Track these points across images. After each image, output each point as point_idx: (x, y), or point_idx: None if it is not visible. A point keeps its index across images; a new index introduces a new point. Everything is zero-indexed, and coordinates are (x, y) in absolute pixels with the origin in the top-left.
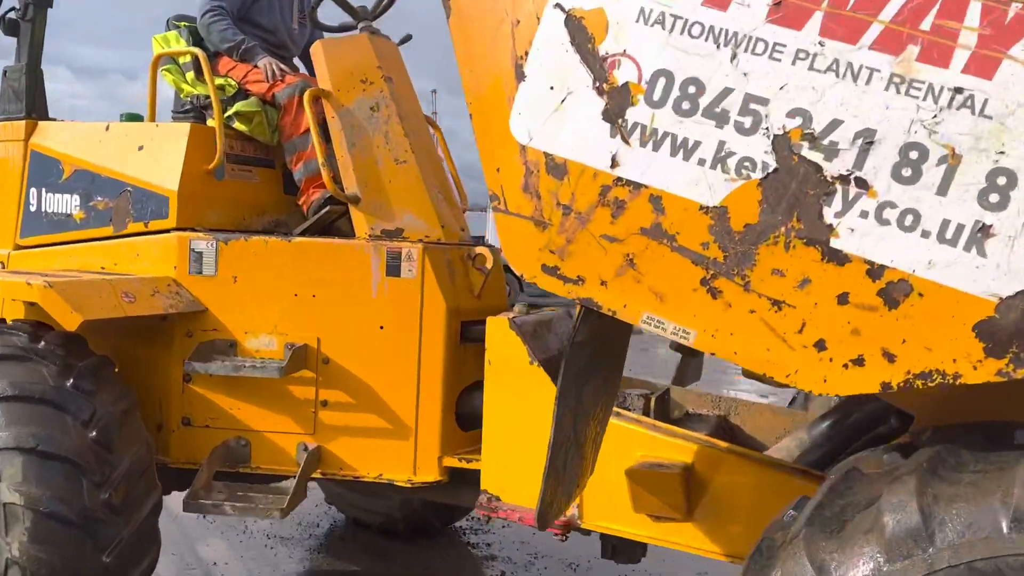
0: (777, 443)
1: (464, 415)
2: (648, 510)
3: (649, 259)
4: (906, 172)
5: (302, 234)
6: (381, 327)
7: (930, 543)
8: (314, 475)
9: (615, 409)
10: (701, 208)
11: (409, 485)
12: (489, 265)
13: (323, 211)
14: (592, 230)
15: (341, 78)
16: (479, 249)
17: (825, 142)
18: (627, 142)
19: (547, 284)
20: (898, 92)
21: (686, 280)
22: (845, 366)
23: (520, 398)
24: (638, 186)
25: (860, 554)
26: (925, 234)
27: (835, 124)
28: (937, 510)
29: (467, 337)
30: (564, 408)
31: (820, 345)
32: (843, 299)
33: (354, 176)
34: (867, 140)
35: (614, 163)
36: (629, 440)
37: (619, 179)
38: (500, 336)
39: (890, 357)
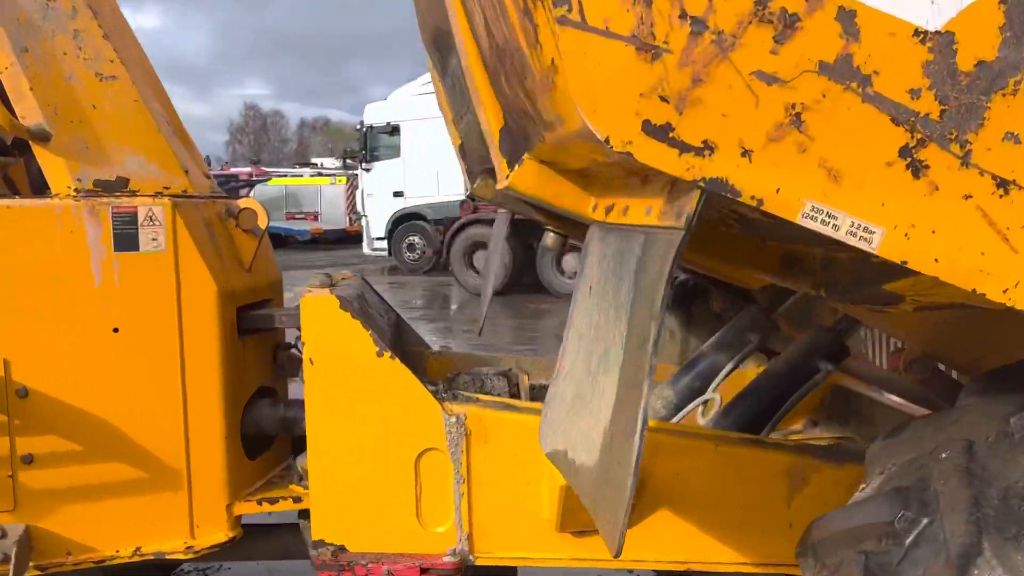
0: None
1: (248, 437)
2: (577, 526)
3: (827, 114)
4: None
5: None
6: (115, 330)
7: None
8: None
9: (488, 398)
10: (916, 33)
11: (191, 555)
12: (262, 224)
13: None
14: (738, 63)
15: None
16: (244, 202)
17: None
18: None
19: (649, 154)
20: None
21: (879, 148)
22: None
23: (364, 406)
24: None
25: None
26: None
27: None
28: None
29: (243, 328)
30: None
31: None
32: None
33: (34, 99)
34: None
35: None
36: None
37: None
38: (325, 323)
39: None
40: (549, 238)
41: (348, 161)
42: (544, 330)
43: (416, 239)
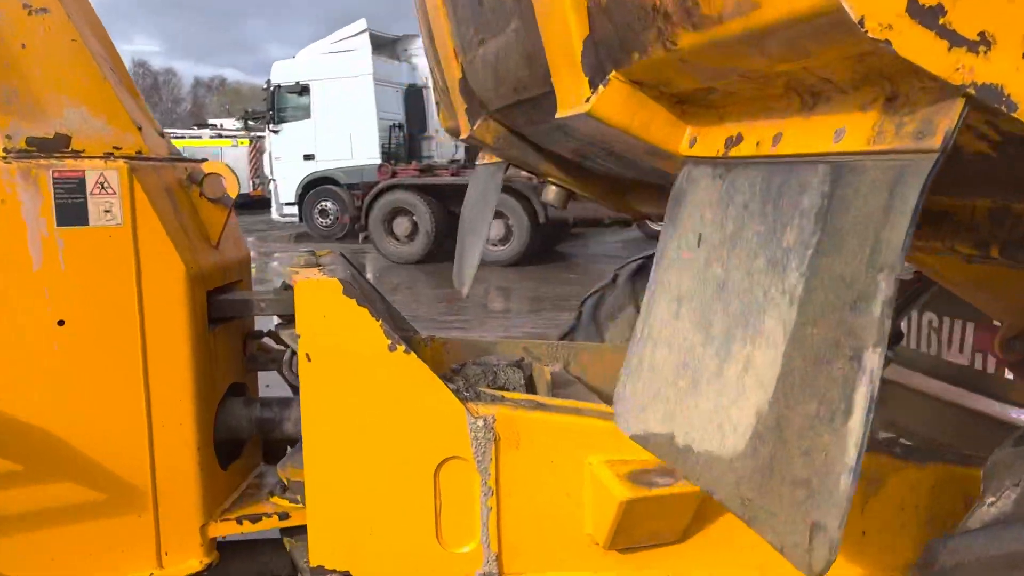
0: None
1: (219, 443)
2: (631, 542)
3: None
4: None
5: None
6: (60, 322)
7: None
8: None
9: (517, 397)
10: None
11: None
12: (232, 191)
13: None
14: None
15: None
16: (210, 166)
17: None
18: None
19: (910, 44)
20: None
21: None
22: None
23: (373, 409)
24: None
25: None
26: None
27: None
28: None
29: (214, 316)
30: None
31: None
32: None
33: None
34: None
35: None
36: (580, 439)
37: None
38: (326, 311)
39: None
40: (551, 192)
41: (250, 122)
42: (470, 298)
43: (329, 204)
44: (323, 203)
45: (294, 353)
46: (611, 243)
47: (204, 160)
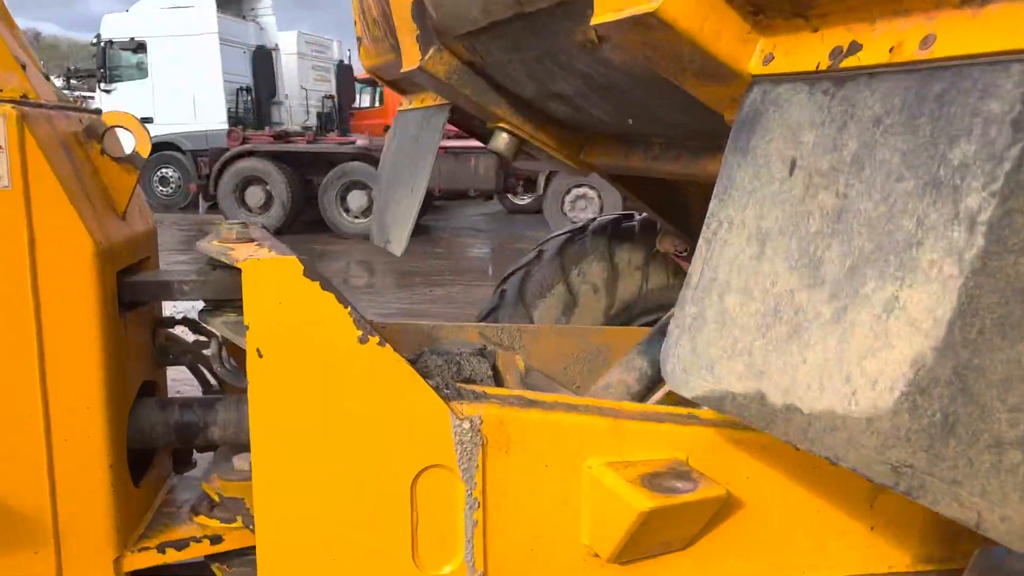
0: (569, 372)
1: (130, 454)
2: (639, 554)
3: None
4: None
5: None
6: None
7: None
8: None
9: (504, 393)
10: None
11: None
12: (144, 150)
13: None
14: None
15: None
16: (113, 117)
17: None
18: None
19: None
20: None
21: None
22: None
23: (340, 412)
24: None
25: None
26: None
27: None
28: None
29: (125, 301)
30: None
31: None
32: None
33: None
34: None
35: None
36: (577, 440)
37: None
38: (283, 297)
39: None
40: (501, 140)
41: (74, 81)
42: (332, 273)
43: (169, 172)
44: (163, 170)
45: (222, 344)
46: (473, 216)
47: (99, 110)
